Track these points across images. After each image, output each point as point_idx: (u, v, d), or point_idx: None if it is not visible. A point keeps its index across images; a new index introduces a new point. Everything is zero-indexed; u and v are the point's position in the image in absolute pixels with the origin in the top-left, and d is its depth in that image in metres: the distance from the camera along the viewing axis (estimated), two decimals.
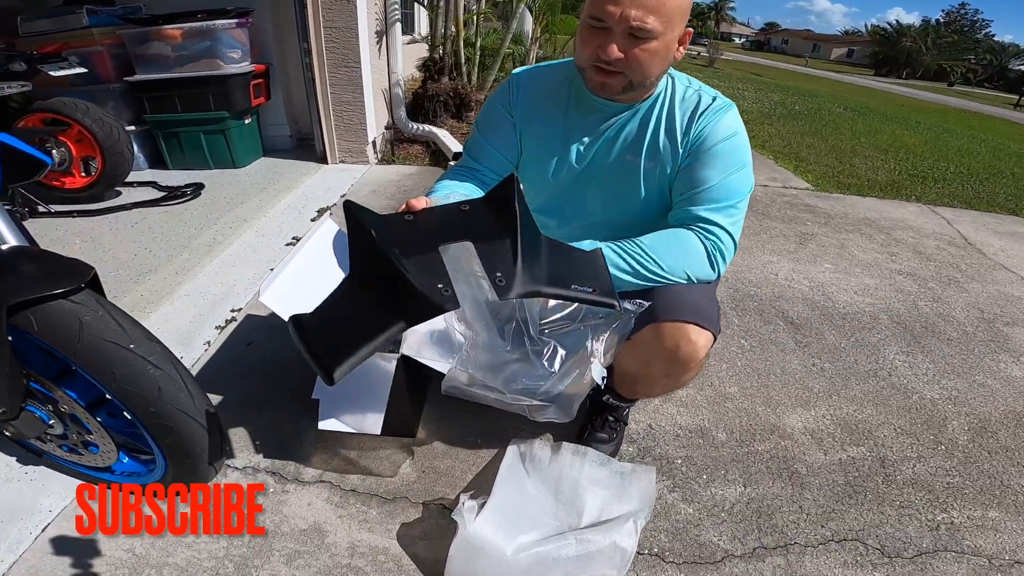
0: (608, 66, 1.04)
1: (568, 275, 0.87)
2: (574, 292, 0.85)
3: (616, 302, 0.88)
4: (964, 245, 3.33)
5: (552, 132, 1.24)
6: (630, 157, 1.19)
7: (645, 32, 0.99)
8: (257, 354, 1.79)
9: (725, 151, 1.12)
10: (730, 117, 1.14)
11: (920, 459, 1.59)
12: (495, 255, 0.84)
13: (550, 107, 1.24)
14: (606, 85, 1.08)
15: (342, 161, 3.81)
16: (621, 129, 1.19)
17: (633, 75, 1.05)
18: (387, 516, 1.29)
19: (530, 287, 0.82)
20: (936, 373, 2.00)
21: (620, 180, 1.22)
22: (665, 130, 1.16)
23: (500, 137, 1.29)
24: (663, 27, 1.00)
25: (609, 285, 0.90)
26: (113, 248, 2.35)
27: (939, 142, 7.56)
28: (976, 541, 1.35)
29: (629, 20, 0.98)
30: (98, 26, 3.08)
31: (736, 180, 1.13)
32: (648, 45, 1.01)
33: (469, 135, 1.37)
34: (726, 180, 1.12)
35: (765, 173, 4.53)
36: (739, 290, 2.45)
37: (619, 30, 1.00)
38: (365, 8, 3.46)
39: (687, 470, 1.48)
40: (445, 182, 1.29)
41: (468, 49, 4.58)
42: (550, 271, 0.86)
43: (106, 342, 0.96)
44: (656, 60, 1.04)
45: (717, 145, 1.12)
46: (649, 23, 0.98)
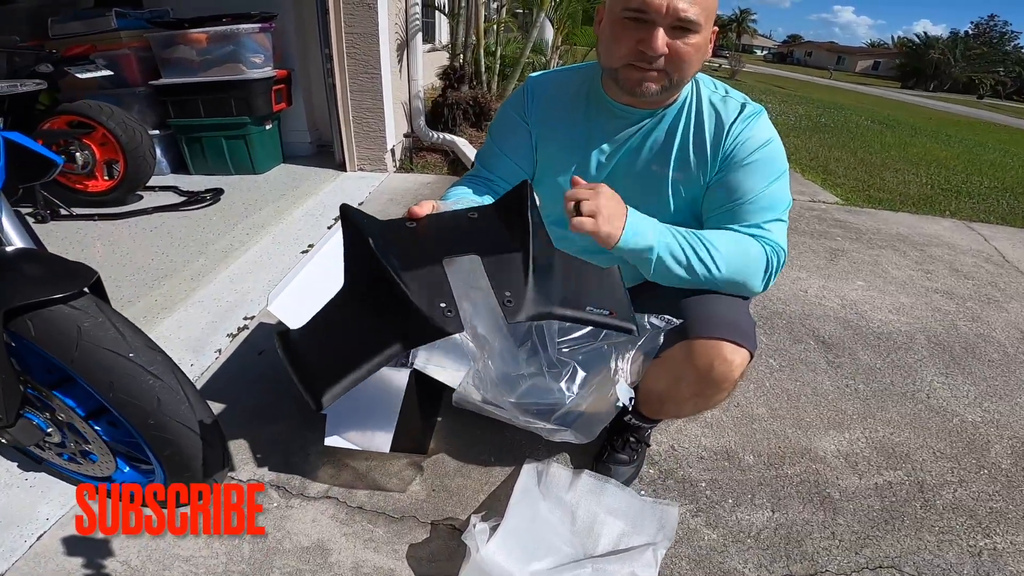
0: (649, 64, 0.97)
1: (583, 295, 0.80)
2: (589, 315, 0.78)
3: (634, 327, 0.81)
4: (1002, 262, 3.20)
5: (570, 140, 1.17)
6: (656, 167, 1.12)
7: (691, 24, 0.93)
8: (268, 363, 1.76)
9: (763, 160, 1.05)
10: (763, 123, 1.08)
11: (961, 483, 1.51)
12: (504, 271, 0.76)
13: (568, 113, 1.17)
14: (644, 82, 0.99)
15: (361, 169, 3.82)
16: (646, 137, 1.12)
17: (675, 72, 0.98)
18: (394, 536, 1.24)
19: (541, 309, 0.75)
20: (977, 395, 1.90)
21: (646, 191, 1.14)
22: (694, 139, 1.09)
23: (514, 146, 1.22)
24: (704, 21, 0.95)
25: (627, 307, 0.84)
26: (132, 252, 2.36)
27: (971, 156, 7.39)
28: (1020, 567, 1.28)
29: (678, 12, 0.91)
30: (126, 29, 3.13)
31: (778, 189, 1.07)
32: (692, 39, 0.95)
33: (483, 144, 1.31)
34: (768, 190, 1.05)
35: (793, 187, 4.33)
36: (767, 307, 2.37)
37: (665, 23, 0.93)
38: (386, 15, 3.47)
39: (712, 494, 1.41)
40: (457, 189, 1.21)
41: (488, 58, 4.58)
42: (563, 290, 0.79)
43: (105, 350, 0.93)
44: (697, 56, 0.98)
45: (754, 153, 1.05)
46: (694, 15, 0.92)
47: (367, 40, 3.41)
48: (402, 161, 4.04)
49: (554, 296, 0.77)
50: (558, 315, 0.76)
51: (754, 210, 1.05)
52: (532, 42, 4.56)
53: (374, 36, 3.40)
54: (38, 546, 1.16)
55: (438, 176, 3.89)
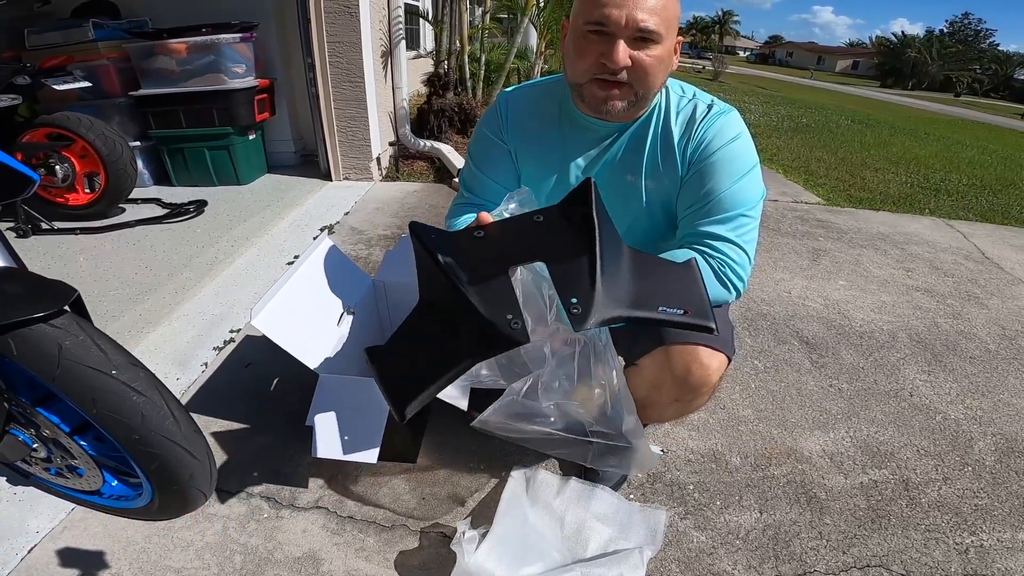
0: (613, 76, 0.96)
1: (656, 294, 0.77)
2: (662, 315, 0.75)
3: (713, 324, 0.77)
4: (981, 260, 3.26)
5: (548, 155, 1.17)
6: (631, 177, 1.12)
7: (652, 35, 0.93)
8: (255, 376, 1.74)
9: (727, 157, 1.04)
10: (730, 120, 1.07)
11: (946, 481, 1.53)
12: (571, 276, 0.75)
13: (542, 129, 1.16)
14: (610, 100, 1.00)
15: (346, 178, 3.80)
16: (620, 149, 1.12)
17: (640, 85, 0.98)
18: (385, 544, 1.24)
19: (611, 312, 0.72)
20: (959, 392, 1.93)
21: (624, 202, 1.15)
22: (663, 146, 1.09)
23: (496, 168, 1.22)
24: (665, 31, 0.94)
25: (705, 305, 0.79)
26: (115, 266, 2.33)
27: (950, 154, 7.49)
28: (1007, 564, 1.29)
29: (637, 22, 0.91)
30: (104, 40, 3.10)
31: (742, 188, 1.05)
32: (654, 50, 0.95)
33: (464, 167, 1.30)
34: (731, 189, 1.04)
35: (775, 188, 4.48)
36: (751, 309, 2.39)
37: (625, 34, 0.93)
38: (369, 23, 3.46)
39: (699, 496, 1.42)
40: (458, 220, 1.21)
41: (473, 64, 4.59)
42: (635, 290, 0.76)
43: (87, 368, 0.92)
44: (661, 68, 0.98)
45: (718, 151, 1.04)
46: (654, 25, 0.92)
47: (350, 48, 3.41)
48: (388, 169, 4.03)
49: (624, 297, 0.75)
50: (628, 316, 0.74)
51: (715, 210, 1.04)
52: (516, 48, 4.58)
53: (357, 44, 3.40)
54: (30, 559, 1.16)
55: (425, 184, 3.89)
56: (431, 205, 3.44)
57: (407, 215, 3.24)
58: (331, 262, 1.53)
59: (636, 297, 0.75)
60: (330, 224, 3.03)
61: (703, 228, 1.05)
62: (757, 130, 7.59)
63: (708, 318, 0.77)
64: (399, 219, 3.17)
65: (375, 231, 2.99)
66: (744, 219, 1.05)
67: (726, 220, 1.04)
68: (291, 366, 1.27)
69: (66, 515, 1.25)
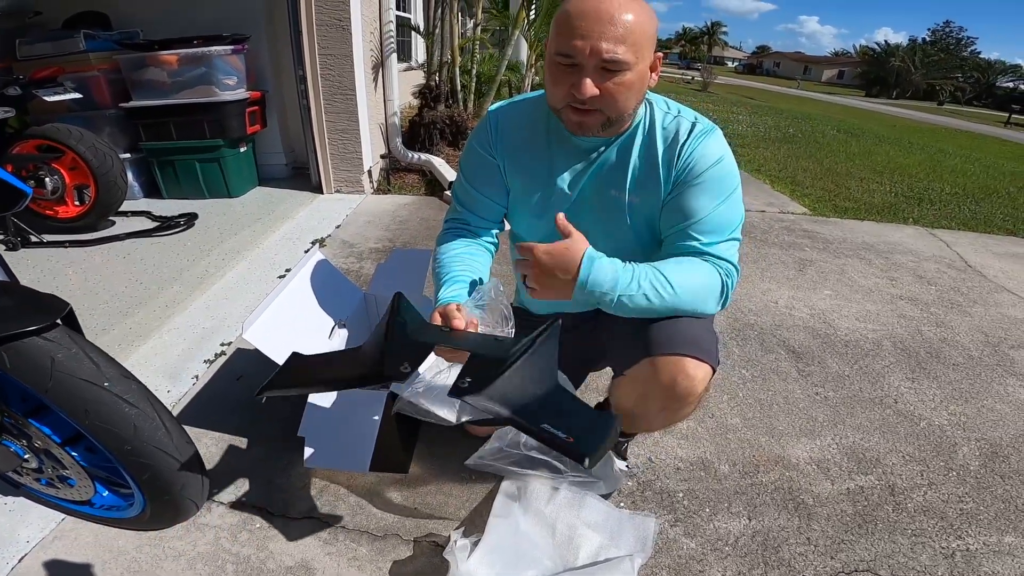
0: (583, 104, 0.99)
1: (548, 415, 0.76)
2: (543, 431, 0.73)
3: (586, 462, 0.71)
4: (964, 268, 3.31)
5: (536, 171, 1.18)
6: (615, 192, 1.14)
7: (617, 64, 0.94)
8: (246, 389, 1.75)
9: (713, 179, 1.06)
10: (714, 142, 1.08)
11: (931, 486, 1.55)
12: (484, 365, 0.79)
13: (531, 145, 1.18)
14: (583, 124, 1.02)
15: (337, 191, 3.81)
16: (603, 164, 1.13)
17: (610, 111, 1.00)
18: (377, 554, 1.24)
19: (492, 405, 0.75)
20: (943, 399, 1.96)
21: (608, 217, 1.16)
22: (647, 162, 1.10)
23: (488, 183, 1.24)
24: (634, 56, 0.95)
25: (592, 443, 0.73)
26: (105, 279, 2.32)
27: (933, 162, 7.60)
28: (994, 567, 1.31)
29: (600, 53, 0.92)
30: (95, 51, 3.10)
31: (729, 208, 1.07)
32: (622, 78, 0.96)
33: (456, 180, 1.31)
34: (718, 210, 1.06)
35: (762, 198, 4.54)
36: (739, 319, 2.42)
37: (591, 65, 0.95)
38: (360, 36, 3.49)
39: (689, 503, 1.43)
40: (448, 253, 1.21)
41: (464, 76, 4.62)
42: (528, 404, 0.77)
43: (79, 380, 0.93)
44: (632, 92, 0.99)
45: (704, 173, 1.06)
46: (620, 54, 0.93)
47: (341, 61, 3.43)
48: (379, 182, 4.04)
49: (513, 403, 0.76)
50: (505, 415, 0.75)
51: (707, 229, 1.06)
52: (507, 60, 4.62)
53: (348, 57, 3.42)
54: (20, 568, 1.16)
55: (416, 197, 3.91)
56: (422, 218, 3.46)
57: (398, 228, 3.26)
58: (322, 276, 1.54)
59: (524, 409, 0.76)
60: (321, 237, 3.03)
61: (698, 246, 1.06)
62: (745, 140, 7.68)
63: (588, 450, 0.71)
64: (390, 232, 3.18)
65: (366, 244, 3.00)
66: (733, 240, 1.08)
67: (719, 241, 1.06)
68: None
69: (56, 525, 1.25)
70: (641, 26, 0.94)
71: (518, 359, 0.80)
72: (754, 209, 4.19)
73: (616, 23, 0.92)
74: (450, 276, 1.15)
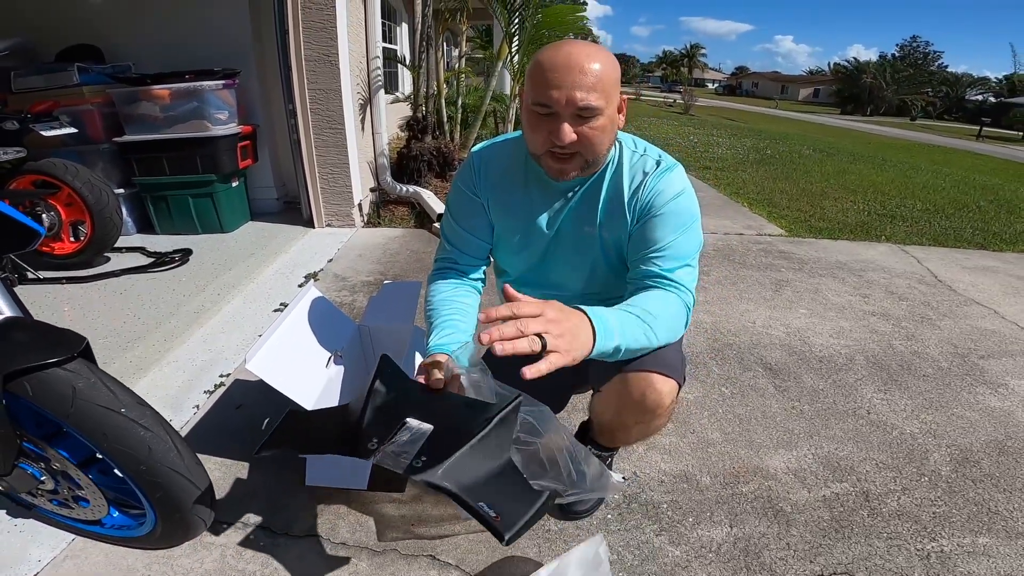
0: (564, 150, 1.06)
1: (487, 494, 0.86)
2: (478, 508, 0.83)
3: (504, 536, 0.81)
4: (934, 283, 3.43)
5: (516, 210, 1.26)
6: (588, 229, 1.22)
7: (591, 110, 1.01)
8: (246, 416, 1.80)
9: (673, 211, 1.14)
10: (674, 177, 1.16)
11: (904, 491, 1.62)
12: (441, 443, 0.88)
13: (511, 185, 1.26)
14: (564, 171, 1.10)
15: (329, 225, 3.86)
16: (578, 203, 1.22)
17: (588, 154, 1.08)
18: (377, 568, 1.29)
19: (438, 480, 0.84)
20: (914, 408, 2.05)
21: (583, 252, 1.26)
22: (615, 199, 1.18)
23: (474, 223, 1.31)
24: (605, 102, 1.02)
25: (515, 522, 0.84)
26: (102, 315, 2.37)
27: (905, 179, 7.76)
28: (969, 567, 1.37)
29: (576, 101, 0.99)
30: (88, 84, 3.14)
31: (687, 239, 1.15)
32: (596, 122, 1.03)
33: (444, 218, 1.37)
34: (678, 240, 1.13)
35: (741, 221, 4.67)
36: (718, 339, 2.51)
37: (567, 113, 1.01)
38: (348, 71, 3.57)
39: (673, 514, 1.50)
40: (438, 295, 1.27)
41: (450, 108, 4.73)
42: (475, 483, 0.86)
43: (98, 407, 1.01)
44: (605, 135, 1.07)
45: (665, 206, 1.14)
46: (593, 100, 1.00)
47: (330, 96, 3.51)
48: (369, 215, 4.10)
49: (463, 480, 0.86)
50: (449, 490, 0.84)
51: (667, 258, 1.13)
52: (491, 91, 4.76)
53: (337, 92, 3.50)
54: None
55: (406, 229, 3.98)
56: (412, 251, 3.52)
57: (389, 261, 3.33)
58: (318, 309, 1.62)
59: (471, 486, 0.86)
60: (314, 271, 3.08)
61: (658, 271, 1.13)
62: (725, 163, 7.85)
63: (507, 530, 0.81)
64: (381, 265, 3.25)
65: (358, 277, 3.06)
66: (688, 268, 1.15)
67: (677, 268, 1.13)
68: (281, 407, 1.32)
69: (67, 545, 1.29)
70: (608, 74, 1.02)
71: (473, 439, 0.88)
72: (733, 232, 4.32)
73: (587, 72, 0.99)
74: (441, 320, 1.21)
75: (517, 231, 1.28)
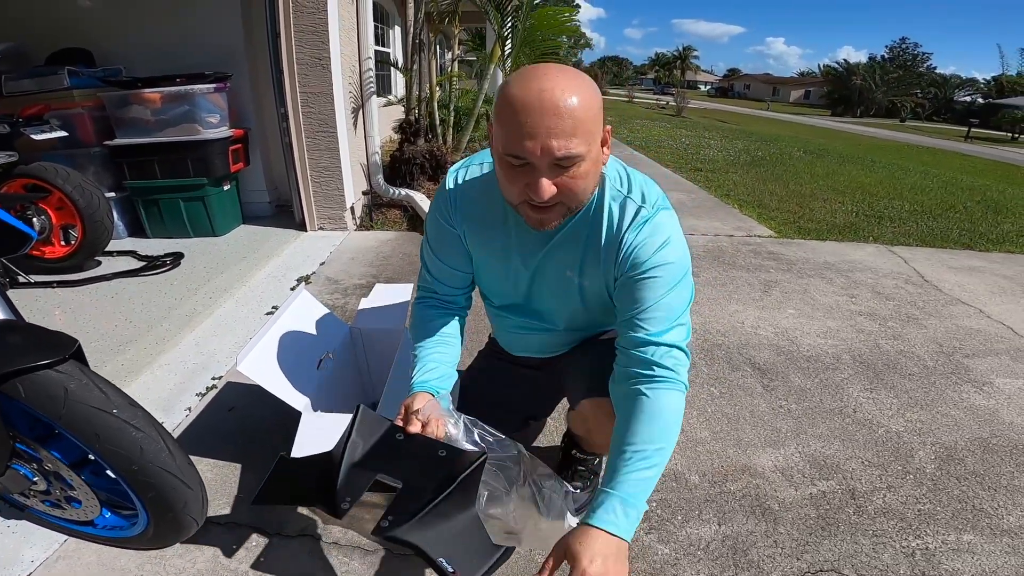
0: (543, 202, 0.93)
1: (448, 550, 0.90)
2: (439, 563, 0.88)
3: None
4: (921, 283, 3.47)
5: (494, 247, 1.18)
6: (569, 273, 1.14)
7: (572, 159, 0.89)
8: (239, 419, 1.81)
9: (657, 267, 1.03)
10: (657, 225, 1.04)
11: (890, 489, 1.65)
12: (409, 501, 0.92)
13: (489, 218, 1.16)
14: (544, 221, 0.99)
15: (321, 228, 3.86)
16: (558, 246, 1.12)
17: (570, 202, 0.96)
18: (369, 567, 1.31)
19: (402, 535, 0.89)
20: (900, 407, 2.07)
21: (563, 292, 1.19)
22: (592, 248, 1.09)
23: (452, 254, 1.23)
24: (587, 146, 0.89)
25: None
26: (94, 319, 2.37)
27: (894, 180, 7.82)
28: (954, 564, 1.39)
29: (553, 152, 0.86)
30: (79, 88, 3.12)
31: (675, 296, 1.05)
32: (577, 170, 0.91)
33: (423, 245, 1.29)
34: (665, 299, 1.03)
35: (731, 223, 4.70)
36: (707, 339, 2.54)
37: (544, 164, 0.89)
38: (340, 74, 3.57)
39: (662, 512, 1.52)
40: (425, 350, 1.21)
41: (443, 111, 4.74)
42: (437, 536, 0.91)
43: (91, 408, 1.02)
44: (589, 179, 0.96)
45: (648, 262, 1.03)
46: (574, 148, 0.87)
47: (322, 99, 3.51)
48: (362, 218, 4.10)
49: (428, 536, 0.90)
50: (419, 549, 0.89)
51: (655, 320, 1.03)
52: (484, 93, 4.77)
53: (329, 95, 3.50)
54: None
55: (399, 232, 3.99)
56: (404, 254, 3.53)
57: (382, 264, 3.34)
58: (309, 312, 1.64)
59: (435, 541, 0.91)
60: (306, 275, 3.09)
61: (640, 336, 1.03)
62: (716, 165, 7.90)
63: None
64: (374, 268, 3.26)
65: (350, 280, 3.07)
66: (678, 328, 1.05)
67: (665, 331, 1.03)
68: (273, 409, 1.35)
69: (60, 545, 1.30)
70: (588, 110, 0.88)
71: (438, 499, 0.92)
72: (723, 233, 4.35)
73: (562, 114, 0.85)
74: (424, 355, 1.19)
75: (496, 266, 1.22)
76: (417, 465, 0.98)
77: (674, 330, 1.04)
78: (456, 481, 0.93)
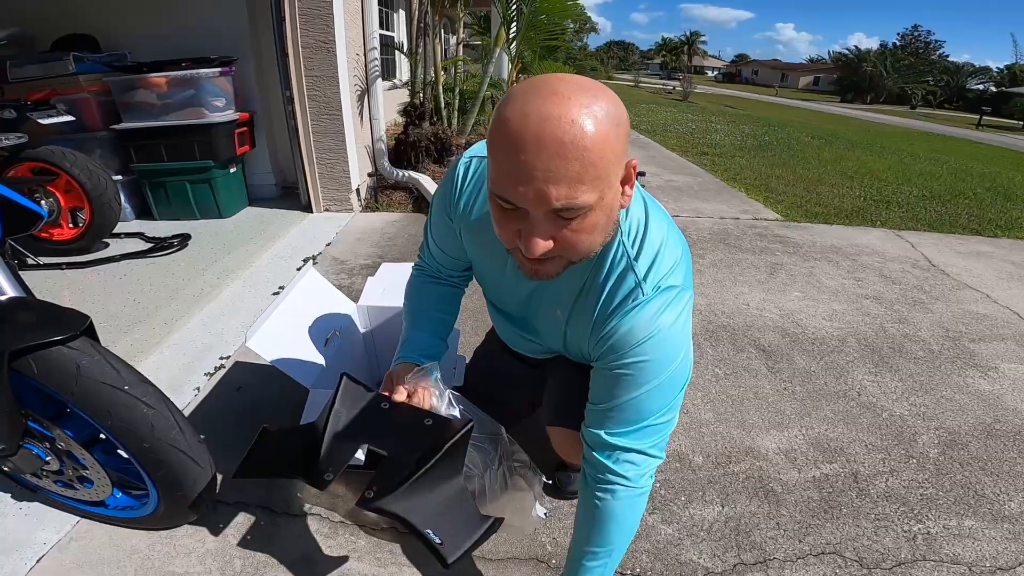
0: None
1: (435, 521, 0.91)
2: (426, 534, 0.89)
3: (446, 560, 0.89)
4: (928, 267, 3.46)
5: (492, 258, 1.06)
6: (558, 312, 1.01)
7: (574, 211, 0.69)
8: (247, 398, 1.83)
9: (631, 365, 0.88)
10: (648, 315, 0.86)
11: (892, 473, 1.65)
12: (394, 472, 0.92)
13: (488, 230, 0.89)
14: (539, 272, 0.80)
15: (327, 209, 3.88)
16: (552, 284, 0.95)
17: (571, 255, 0.77)
18: (375, 545, 1.33)
19: (387, 505, 0.90)
20: (904, 391, 2.08)
21: (549, 327, 1.07)
22: (584, 308, 0.94)
23: (451, 247, 1.14)
24: (599, 192, 0.69)
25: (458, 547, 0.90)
26: (102, 300, 2.39)
27: (903, 166, 7.76)
28: (955, 549, 1.40)
29: (550, 202, 0.67)
30: (84, 73, 3.14)
31: (646, 399, 0.90)
32: (582, 223, 0.72)
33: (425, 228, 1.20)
34: (632, 400, 0.90)
35: (737, 206, 4.68)
36: (712, 321, 2.54)
37: (540, 213, 0.70)
38: (345, 57, 3.57)
39: (666, 493, 1.53)
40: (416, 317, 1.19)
41: (447, 94, 4.73)
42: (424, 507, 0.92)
43: (102, 384, 1.03)
44: (597, 232, 0.75)
45: (622, 355, 0.88)
46: (579, 198, 0.68)
47: (327, 82, 3.51)
48: (367, 200, 4.11)
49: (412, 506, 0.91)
50: (403, 519, 0.90)
51: (617, 420, 0.92)
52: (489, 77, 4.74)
53: (334, 78, 3.50)
54: (38, 568, 1.23)
55: (404, 214, 3.99)
56: (410, 235, 3.54)
57: (387, 245, 3.35)
58: (317, 290, 1.64)
59: (421, 512, 0.92)
60: (313, 255, 3.11)
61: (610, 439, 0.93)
62: (723, 149, 7.84)
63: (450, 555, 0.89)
64: (380, 249, 3.27)
65: (356, 261, 3.08)
66: (646, 428, 0.92)
67: (630, 432, 0.92)
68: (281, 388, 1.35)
69: (72, 527, 1.32)
70: (605, 146, 0.67)
71: (423, 468, 0.92)
72: (729, 216, 4.34)
73: (568, 155, 0.65)
74: (413, 327, 1.16)
75: (493, 275, 1.11)
76: (402, 434, 0.97)
77: (638, 432, 0.92)
78: (442, 451, 0.93)
